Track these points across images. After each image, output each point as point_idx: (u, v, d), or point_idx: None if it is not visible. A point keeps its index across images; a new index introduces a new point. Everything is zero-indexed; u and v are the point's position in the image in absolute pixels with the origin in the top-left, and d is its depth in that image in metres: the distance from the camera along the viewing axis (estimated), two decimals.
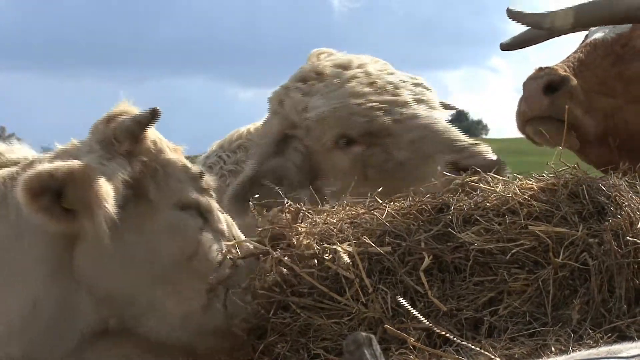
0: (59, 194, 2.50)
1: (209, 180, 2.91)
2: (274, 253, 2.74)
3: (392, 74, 3.77)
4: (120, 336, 2.75)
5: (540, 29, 3.71)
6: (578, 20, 3.48)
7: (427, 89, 3.75)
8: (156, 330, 2.74)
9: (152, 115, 2.71)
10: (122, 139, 2.70)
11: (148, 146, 2.77)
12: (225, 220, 2.94)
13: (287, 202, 2.93)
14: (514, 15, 3.66)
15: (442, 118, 3.62)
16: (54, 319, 2.64)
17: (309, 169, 3.72)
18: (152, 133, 2.80)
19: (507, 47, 3.95)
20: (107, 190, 2.52)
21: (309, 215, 2.91)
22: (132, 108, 2.81)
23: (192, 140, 4.09)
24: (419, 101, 3.65)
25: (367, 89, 3.64)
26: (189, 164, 2.88)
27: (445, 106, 4.18)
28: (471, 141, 3.46)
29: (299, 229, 2.81)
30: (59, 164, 2.53)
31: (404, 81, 3.73)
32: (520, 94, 3.53)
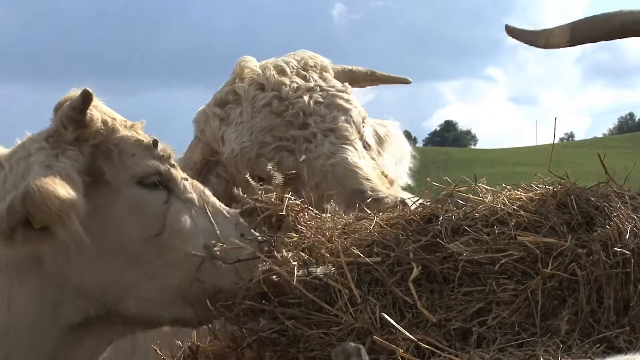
0: (27, 219, 2.46)
1: (165, 148, 2.85)
2: (263, 258, 2.73)
3: (309, 90, 3.72)
4: (104, 320, 2.74)
5: (535, 46, 3.76)
6: (574, 37, 3.55)
7: (344, 108, 3.71)
8: (136, 309, 2.74)
9: (84, 98, 2.66)
10: (67, 126, 2.67)
11: (97, 128, 2.72)
12: (194, 187, 2.89)
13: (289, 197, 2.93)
14: (511, 32, 3.77)
15: (349, 149, 3.58)
16: (31, 318, 2.64)
17: (232, 196, 3.74)
18: (102, 114, 2.75)
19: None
20: (68, 194, 2.47)
21: (302, 220, 2.89)
22: (77, 92, 2.75)
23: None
24: (328, 131, 3.63)
25: (276, 121, 3.64)
26: (143, 137, 2.82)
27: (396, 80, 4.23)
28: (370, 184, 3.44)
29: (288, 239, 2.81)
30: (10, 197, 2.47)
31: (319, 102, 3.70)
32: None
